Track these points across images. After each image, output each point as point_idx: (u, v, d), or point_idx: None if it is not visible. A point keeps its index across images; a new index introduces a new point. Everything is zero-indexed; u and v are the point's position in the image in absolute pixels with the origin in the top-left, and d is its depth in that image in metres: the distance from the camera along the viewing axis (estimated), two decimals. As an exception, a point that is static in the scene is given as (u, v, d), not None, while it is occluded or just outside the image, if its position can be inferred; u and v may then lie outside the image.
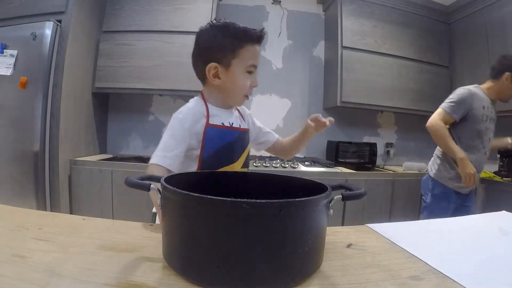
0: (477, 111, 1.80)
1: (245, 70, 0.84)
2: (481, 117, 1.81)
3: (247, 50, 0.83)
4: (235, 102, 0.91)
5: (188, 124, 0.83)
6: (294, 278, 0.44)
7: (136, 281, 0.43)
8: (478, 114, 1.80)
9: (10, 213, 0.72)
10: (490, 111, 1.85)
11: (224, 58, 0.83)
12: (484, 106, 1.82)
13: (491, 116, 1.86)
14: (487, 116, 1.83)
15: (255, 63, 0.86)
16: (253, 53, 0.85)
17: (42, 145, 2.17)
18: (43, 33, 2.15)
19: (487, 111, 1.83)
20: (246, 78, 0.85)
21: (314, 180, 0.59)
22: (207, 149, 0.83)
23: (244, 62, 0.84)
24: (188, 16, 2.58)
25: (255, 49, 0.85)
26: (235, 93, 0.87)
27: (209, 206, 0.41)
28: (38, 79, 2.14)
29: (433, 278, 0.48)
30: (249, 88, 0.87)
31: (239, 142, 0.89)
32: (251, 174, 0.68)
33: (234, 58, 0.83)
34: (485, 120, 1.82)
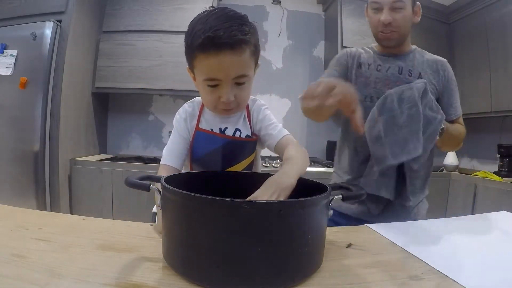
0: None
1: (203, 84, 0.71)
2: None
3: (200, 61, 0.69)
4: (215, 113, 0.80)
5: (183, 123, 0.84)
6: (294, 278, 0.44)
7: (136, 281, 0.43)
8: None
9: (10, 213, 0.72)
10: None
11: (190, 65, 0.74)
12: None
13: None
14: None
15: (215, 76, 0.69)
16: (206, 65, 0.68)
17: (42, 145, 2.17)
18: (43, 33, 2.15)
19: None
20: (207, 93, 0.72)
21: (314, 180, 0.59)
22: (195, 153, 0.84)
23: (199, 74, 0.71)
24: (188, 16, 2.58)
25: (208, 61, 0.67)
26: (206, 107, 0.81)
27: (209, 206, 0.41)
28: (38, 79, 2.14)
29: (433, 278, 0.48)
30: (218, 102, 0.73)
31: (228, 150, 0.81)
32: (251, 174, 0.68)
33: (194, 68, 0.72)
34: None
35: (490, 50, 2.57)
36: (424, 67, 1.09)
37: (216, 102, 0.73)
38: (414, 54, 1.12)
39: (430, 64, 1.10)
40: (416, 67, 1.09)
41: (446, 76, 1.10)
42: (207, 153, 0.83)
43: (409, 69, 1.09)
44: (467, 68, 2.74)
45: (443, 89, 1.10)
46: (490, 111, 2.52)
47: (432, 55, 1.14)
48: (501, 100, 2.47)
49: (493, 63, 2.54)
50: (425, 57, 1.12)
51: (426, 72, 1.08)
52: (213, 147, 0.82)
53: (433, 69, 1.10)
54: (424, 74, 1.08)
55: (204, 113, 0.86)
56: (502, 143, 2.53)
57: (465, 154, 3.09)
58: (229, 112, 0.77)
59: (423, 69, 1.09)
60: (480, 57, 2.64)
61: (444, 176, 2.75)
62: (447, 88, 1.10)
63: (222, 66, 0.67)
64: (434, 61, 1.11)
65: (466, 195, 2.52)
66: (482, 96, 2.59)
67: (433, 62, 1.11)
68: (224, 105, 0.73)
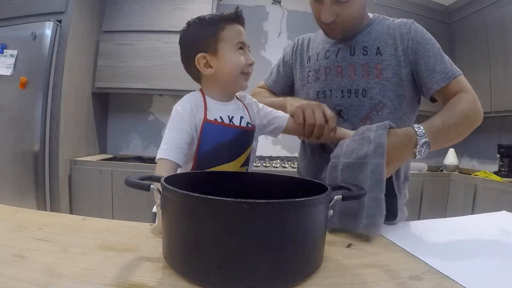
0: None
1: (234, 49, 0.83)
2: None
3: (228, 30, 0.82)
4: (236, 85, 0.86)
5: (187, 115, 0.80)
6: (294, 278, 0.44)
7: (136, 281, 0.43)
8: None
9: (10, 213, 0.72)
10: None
11: (210, 46, 0.82)
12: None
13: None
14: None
15: (242, 40, 0.83)
16: (236, 31, 0.83)
17: (42, 145, 2.17)
18: (43, 33, 2.15)
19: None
20: (238, 55, 0.83)
21: (314, 180, 0.59)
22: (203, 146, 0.81)
23: (230, 42, 0.82)
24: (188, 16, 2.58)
25: (237, 28, 0.83)
26: (232, 75, 0.83)
27: (209, 206, 0.41)
28: (38, 79, 2.14)
29: (433, 278, 0.48)
30: (246, 65, 0.84)
31: (238, 141, 0.85)
32: (251, 174, 0.68)
33: (219, 43, 0.82)
34: None
35: (490, 50, 2.57)
36: (384, 37, 0.88)
37: (244, 65, 0.83)
38: (372, 27, 0.91)
39: (391, 33, 0.88)
40: (374, 41, 0.89)
41: (413, 38, 0.86)
42: (215, 146, 0.81)
43: (363, 46, 0.89)
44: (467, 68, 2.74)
45: (415, 55, 0.86)
46: (490, 111, 2.53)
47: (397, 19, 0.92)
48: (501, 100, 2.47)
49: (493, 63, 2.54)
50: (386, 25, 0.90)
51: (386, 43, 0.88)
52: (224, 140, 0.81)
53: (394, 36, 0.88)
54: (384, 47, 0.88)
55: (208, 103, 0.84)
56: (502, 143, 2.53)
57: (465, 154, 3.09)
58: (248, 79, 0.86)
59: (383, 41, 0.88)
60: (480, 57, 2.64)
61: (444, 176, 2.75)
62: (420, 51, 0.85)
63: (245, 34, 0.85)
64: (396, 26, 0.89)
65: (466, 195, 2.52)
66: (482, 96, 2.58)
67: (395, 27, 0.89)
68: (250, 68, 0.85)
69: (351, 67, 0.89)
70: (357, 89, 0.89)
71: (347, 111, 0.91)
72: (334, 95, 0.92)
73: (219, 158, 0.82)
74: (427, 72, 0.84)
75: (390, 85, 0.87)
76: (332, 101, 0.92)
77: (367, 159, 0.68)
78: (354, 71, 0.89)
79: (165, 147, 0.78)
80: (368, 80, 0.88)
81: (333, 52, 0.93)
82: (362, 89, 0.88)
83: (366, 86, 0.88)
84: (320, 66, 0.95)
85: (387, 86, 0.87)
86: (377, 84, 0.87)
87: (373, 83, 0.87)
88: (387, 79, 0.87)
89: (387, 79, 0.87)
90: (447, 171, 2.80)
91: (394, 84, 0.87)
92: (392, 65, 0.87)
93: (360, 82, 0.88)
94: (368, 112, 0.88)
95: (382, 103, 0.87)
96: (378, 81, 0.87)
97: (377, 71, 0.87)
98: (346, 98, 0.90)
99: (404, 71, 0.86)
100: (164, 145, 0.78)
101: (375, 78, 0.87)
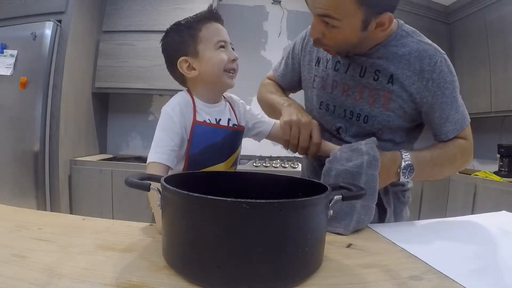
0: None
1: (214, 48, 0.81)
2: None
3: (205, 30, 0.82)
4: (221, 84, 0.84)
5: (177, 117, 0.79)
6: (294, 278, 0.44)
7: (136, 281, 0.43)
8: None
9: (10, 213, 0.72)
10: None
11: (190, 49, 0.82)
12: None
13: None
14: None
15: (222, 39, 0.82)
16: (214, 29, 0.82)
17: (42, 145, 2.17)
18: (43, 33, 2.15)
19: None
20: (219, 53, 0.82)
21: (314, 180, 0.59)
22: (194, 147, 0.80)
23: (209, 42, 0.81)
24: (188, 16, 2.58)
25: (214, 26, 0.82)
26: (215, 73, 0.82)
27: (210, 206, 0.41)
28: (38, 79, 2.14)
29: (433, 278, 0.48)
30: (229, 62, 0.82)
31: (227, 142, 0.84)
32: (251, 174, 0.68)
33: (198, 44, 0.82)
34: None
35: (490, 50, 2.57)
36: (401, 65, 0.77)
37: (227, 62, 0.82)
38: (388, 47, 0.78)
39: (411, 62, 0.76)
40: (388, 67, 0.78)
41: (435, 80, 0.75)
42: (206, 146, 0.81)
43: (376, 70, 0.79)
44: (467, 68, 2.74)
45: (432, 98, 0.77)
46: (490, 111, 2.53)
47: (419, 43, 0.78)
48: (501, 100, 2.47)
49: (493, 63, 2.54)
50: (407, 48, 0.77)
51: (403, 74, 0.77)
52: (214, 140, 0.81)
53: (414, 69, 0.76)
54: (398, 77, 0.77)
55: (197, 105, 0.83)
56: (502, 143, 2.53)
57: (465, 154, 3.09)
58: (234, 76, 0.85)
59: (399, 70, 0.77)
60: (480, 57, 2.64)
61: (444, 176, 2.75)
62: (438, 96, 0.77)
63: (224, 31, 0.84)
64: (418, 57, 0.76)
65: (466, 195, 2.52)
66: (482, 96, 2.59)
67: (417, 58, 0.76)
68: (234, 64, 0.84)
69: (358, 89, 0.82)
70: (359, 114, 0.83)
71: (345, 130, 0.87)
72: (337, 111, 0.87)
73: (210, 158, 0.82)
74: (440, 120, 0.79)
75: (394, 116, 0.81)
76: (334, 117, 0.88)
77: (362, 169, 0.68)
78: (360, 94, 0.82)
79: (155, 150, 0.76)
80: (372, 107, 0.82)
81: (343, 65, 0.84)
82: (365, 115, 0.83)
83: (369, 113, 0.82)
84: (328, 76, 0.87)
85: (390, 116, 0.81)
86: (381, 113, 0.81)
87: (377, 111, 0.81)
88: (392, 109, 0.80)
89: (393, 109, 0.80)
90: (447, 171, 2.80)
91: (397, 116, 0.81)
92: (401, 98, 0.79)
93: (364, 107, 0.82)
94: (366, 136, 0.82)
95: (382, 130, 0.83)
96: (383, 111, 0.81)
97: (384, 100, 0.80)
98: (347, 119, 0.86)
99: (413, 107, 0.80)
100: (155, 148, 0.77)
101: (380, 107, 0.81)
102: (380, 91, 0.80)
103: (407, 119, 0.83)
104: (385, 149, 0.79)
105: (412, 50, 0.77)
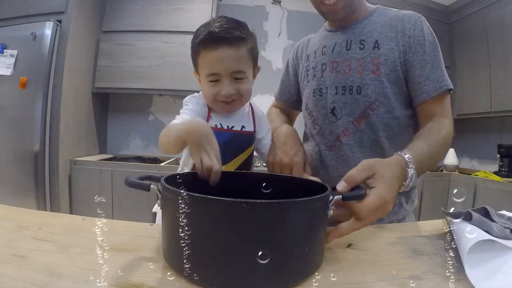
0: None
1: (205, 80, 0.78)
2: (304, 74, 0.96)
3: (202, 58, 0.76)
4: (217, 109, 0.83)
5: (200, 107, 0.82)
6: (294, 278, 0.44)
7: (136, 281, 0.43)
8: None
9: (10, 213, 0.72)
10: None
11: (195, 66, 0.82)
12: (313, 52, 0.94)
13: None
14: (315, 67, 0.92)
15: (214, 71, 0.75)
16: (208, 60, 0.75)
17: (42, 145, 2.17)
18: (43, 33, 2.15)
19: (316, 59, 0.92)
20: (208, 87, 0.78)
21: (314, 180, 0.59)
22: None
23: (203, 71, 0.78)
24: (187, 16, 2.59)
25: (210, 55, 0.74)
26: (208, 101, 0.82)
27: (209, 206, 0.41)
28: (38, 79, 2.15)
29: (433, 278, 0.48)
30: (219, 95, 0.77)
31: (232, 144, 0.83)
32: (251, 174, 0.68)
33: (198, 67, 0.80)
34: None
35: (490, 50, 2.57)
36: (385, 30, 0.82)
37: (216, 95, 0.78)
38: (370, 18, 0.85)
39: (393, 24, 0.81)
40: (372, 34, 0.82)
41: (416, 36, 0.79)
42: None
43: (360, 40, 0.83)
44: (467, 68, 2.74)
45: (412, 55, 0.79)
46: (490, 111, 2.53)
47: (401, 11, 0.85)
48: (501, 100, 2.47)
49: (493, 63, 2.54)
50: (388, 16, 0.84)
51: (386, 36, 0.81)
52: (218, 141, 0.82)
53: (396, 29, 0.81)
54: (383, 41, 0.81)
55: (212, 110, 0.85)
56: (502, 143, 2.53)
57: (465, 154, 3.09)
58: (230, 105, 0.80)
59: (383, 34, 0.81)
60: (480, 57, 2.64)
61: (444, 176, 2.75)
62: (418, 53, 0.79)
63: (221, 59, 0.74)
64: (399, 19, 0.82)
65: (466, 195, 2.52)
66: (482, 96, 2.59)
67: (399, 20, 0.81)
68: (224, 98, 0.77)
69: (346, 62, 0.83)
70: (351, 86, 0.83)
71: (340, 109, 0.85)
72: (329, 92, 0.86)
73: None
74: (420, 78, 0.78)
75: (387, 82, 0.80)
76: (327, 99, 0.87)
77: None
78: (349, 67, 0.83)
79: (183, 111, 0.79)
80: (362, 76, 0.81)
81: (329, 47, 0.87)
82: (357, 86, 0.82)
83: (361, 83, 0.81)
84: (317, 63, 0.89)
85: (383, 82, 0.80)
86: (372, 80, 0.80)
87: (368, 79, 0.81)
88: (384, 75, 0.80)
89: (384, 75, 0.80)
90: (447, 171, 2.80)
91: (391, 82, 0.80)
92: (390, 60, 0.80)
93: (355, 78, 0.82)
94: (363, 111, 0.82)
95: (378, 101, 0.81)
96: (374, 77, 0.80)
97: (373, 66, 0.81)
98: (340, 95, 0.84)
99: (402, 68, 0.80)
100: (181, 112, 0.80)
101: (370, 73, 0.81)
102: (368, 58, 0.82)
103: (402, 85, 0.81)
104: (387, 125, 0.81)
105: (393, 16, 0.83)
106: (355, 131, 0.84)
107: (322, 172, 0.90)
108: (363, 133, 0.83)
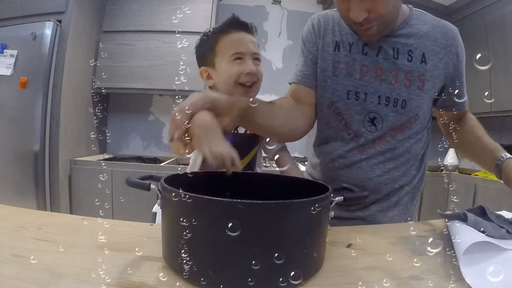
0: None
1: (229, 60, 0.83)
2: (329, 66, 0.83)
3: (222, 43, 0.84)
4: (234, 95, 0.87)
5: None
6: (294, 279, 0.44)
7: (136, 281, 0.43)
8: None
9: (10, 213, 0.72)
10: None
11: (208, 60, 0.86)
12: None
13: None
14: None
15: (239, 50, 0.83)
16: (232, 41, 0.83)
17: (42, 145, 2.17)
18: (43, 33, 2.15)
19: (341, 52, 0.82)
20: (232, 66, 0.83)
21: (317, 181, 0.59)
22: None
23: (225, 54, 0.83)
24: (188, 16, 2.58)
25: (233, 37, 0.83)
26: (227, 86, 0.85)
27: (207, 207, 0.41)
28: (38, 79, 2.14)
29: (433, 278, 0.48)
30: (242, 75, 0.83)
31: (236, 147, 0.82)
32: (252, 174, 0.68)
33: (215, 56, 0.85)
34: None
35: (490, 50, 2.56)
36: (429, 42, 0.77)
37: (240, 74, 0.83)
38: (412, 25, 0.78)
39: (437, 37, 0.77)
40: (419, 45, 0.77)
41: (459, 54, 0.79)
42: None
43: (408, 50, 0.77)
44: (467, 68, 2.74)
45: (454, 72, 0.79)
46: (490, 111, 2.52)
47: (437, 19, 0.81)
48: (501, 100, 2.47)
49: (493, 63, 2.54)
50: (429, 24, 0.79)
51: (432, 50, 0.77)
52: None
53: (440, 44, 0.77)
54: (429, 55, 0.77)
55: None
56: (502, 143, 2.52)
57: (465, 154, 3.09)
58: (250, 89, 0.85)
59: (428, 47, 0.77)
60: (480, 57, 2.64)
61: (444, 176, 2.75)
62: (460, 70, 0.80)
63: (245, 41, 0.84)
64: (442, 31, 0.78)
65: (466, 195, 2.52)
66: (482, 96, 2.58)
67: (442, 32, 0.78)
68: (248, 77, 0.84)
69: (393, 72, 0.77)
70: (396, 99, 0.78)
71: (381, 120, 0.79)
72: (369, 99, 0.79)
73: None
74: (457, 95, 0.81)
75: (427, 98, 0.79)
76: (365, 106, 0.79)
77: None
78: (395, 78, 0.77)
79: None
80: (409, 90, 0.78)
81: (373, 49, 0.78)
82: (403, 99, 0.77)
83: (407, 97, 0.77)
84: (355, 60, 0.79)
85: (425, 98, 0.79)
86: (417, 95, 0.78)
87: (414, 94, 0.78)
88: (427, 91, 0.78)
89: (427, 91, 0.78)
90: (447, 171, 2.80)
91: (430, 97, 0.81)
92: (434, 77, 0.78)
93: (401, 91, 0.77)
94: (402, 124, 0.79)
95: (417, 116, 0.80)
96: (419, 93, 0.78)
97: (419, 82, 0.77)
98: (382, 106, 0.78)
99: (441, 85, 0.80)
100: None
101: (416, 89, 0.78)
102: (415, 72, 0.77)
103: (433, 101, 0.83)
104: (417, 136, 0.82)
105: (434, 25, 0.79)
106: (390, 140, 0.81)
107: (351, 176, 0.83)
108: (398, 141, 0.81)
